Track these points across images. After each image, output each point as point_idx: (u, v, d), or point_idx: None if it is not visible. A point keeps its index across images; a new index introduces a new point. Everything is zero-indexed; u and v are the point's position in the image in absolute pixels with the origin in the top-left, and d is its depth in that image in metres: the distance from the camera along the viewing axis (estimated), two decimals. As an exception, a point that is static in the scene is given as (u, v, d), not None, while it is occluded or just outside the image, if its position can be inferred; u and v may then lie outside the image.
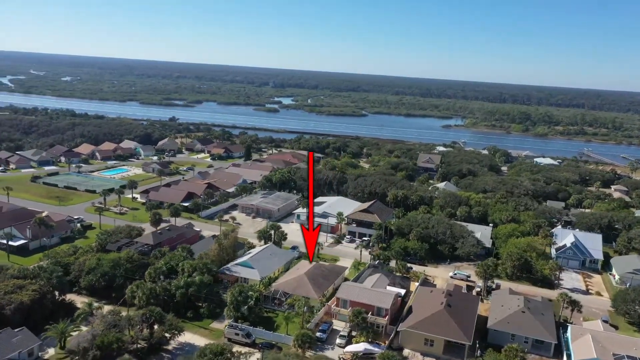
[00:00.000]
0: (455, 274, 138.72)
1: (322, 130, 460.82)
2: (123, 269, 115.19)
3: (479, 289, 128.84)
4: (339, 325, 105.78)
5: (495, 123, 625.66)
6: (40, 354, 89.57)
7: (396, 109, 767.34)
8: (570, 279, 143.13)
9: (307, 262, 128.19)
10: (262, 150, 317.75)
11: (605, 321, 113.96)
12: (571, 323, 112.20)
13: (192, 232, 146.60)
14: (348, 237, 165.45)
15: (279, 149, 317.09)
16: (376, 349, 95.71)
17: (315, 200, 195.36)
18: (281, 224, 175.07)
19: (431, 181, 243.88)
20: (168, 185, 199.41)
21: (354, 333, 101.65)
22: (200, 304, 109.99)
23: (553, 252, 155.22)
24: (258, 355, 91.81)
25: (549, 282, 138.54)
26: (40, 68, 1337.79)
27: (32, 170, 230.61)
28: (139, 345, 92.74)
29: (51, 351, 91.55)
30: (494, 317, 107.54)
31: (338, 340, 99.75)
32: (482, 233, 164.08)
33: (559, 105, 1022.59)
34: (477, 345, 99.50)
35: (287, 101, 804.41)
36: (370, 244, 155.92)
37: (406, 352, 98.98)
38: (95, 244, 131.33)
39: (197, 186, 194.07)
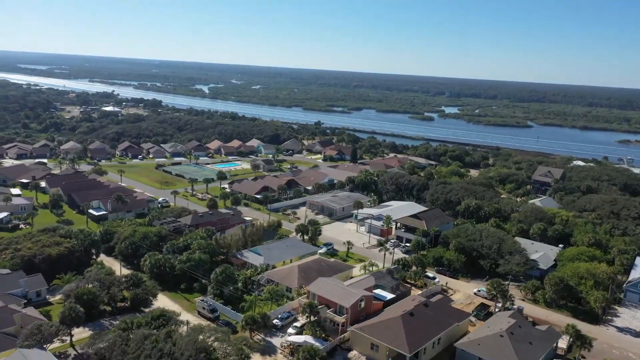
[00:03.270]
0: (479, 291, 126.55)
1: (466, 139, 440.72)
2: (149, 241, 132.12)
3: (493, 309, 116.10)
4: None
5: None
6: (47, 296, 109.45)
7: (573, 121, 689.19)
8: (631, 318, 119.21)
9: (317, 257, 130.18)
10: (383, 154, 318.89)
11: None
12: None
13: (236, 219, 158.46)
14: (393, 241, 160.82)
15: (394, 154, 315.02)
16: (317, 344, 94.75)
17: (383, 203, 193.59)
18: (338, 222, 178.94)
19: (533, 195, 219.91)
20: (255, 179, 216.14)
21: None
22: (200, 280, 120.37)
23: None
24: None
25: (595, 316, 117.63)
26: (241, 78, 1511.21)
27: (163, 159, 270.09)
28: (120, 304, 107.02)
29: (59, 296, 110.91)
30: (470, 336, 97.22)
31: (289, 330, 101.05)
32: (546, 253, 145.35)
33: None
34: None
35: (452, 110, 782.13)
36: (408, 250, 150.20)
37: (353, 353, 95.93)
38: (147, 219, 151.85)
39: (275, 181, 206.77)
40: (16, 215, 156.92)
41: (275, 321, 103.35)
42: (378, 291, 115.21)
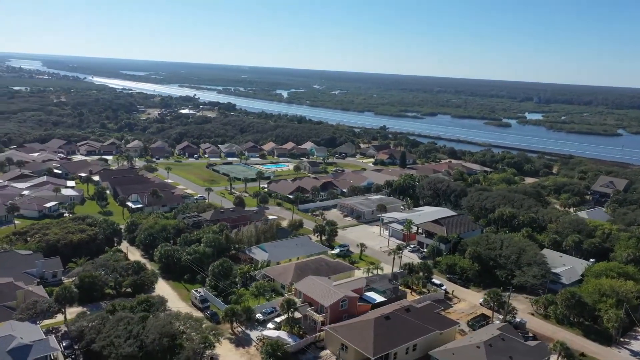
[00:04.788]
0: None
1: (538, 147, 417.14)
2: (167, 233, 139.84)
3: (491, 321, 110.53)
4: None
5: None
6: (62, 278, 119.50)
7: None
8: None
9: (319, 256, 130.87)
10: (437, 159, 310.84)
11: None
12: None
13: (258, 217, 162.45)
14: (412, 245, 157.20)
15: (448, 160, 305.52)
16: (289, 340, 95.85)
17: (416, 208, 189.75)
18: (365, 225, 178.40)
19: (587, 206, 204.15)
20: (294, 180, 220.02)
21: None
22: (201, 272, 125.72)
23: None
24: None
25: (609, 336, 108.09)
26: (324, 83, 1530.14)
27: (217, 159, 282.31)
28: (124, 289, 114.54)
29: (72, 278, 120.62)
30: (447, 346, 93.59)
31: (269, 325, 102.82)
32: (574, 267, 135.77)
33: None
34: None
35: (535, 116, 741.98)
36: (424, 255, 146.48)
37: (325, 352, 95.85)
38: (173, 213, 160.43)
39: (310, 182, 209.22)
40: (63, 205, 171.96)
41: (258, 315, 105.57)
42: (370, 294, 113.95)
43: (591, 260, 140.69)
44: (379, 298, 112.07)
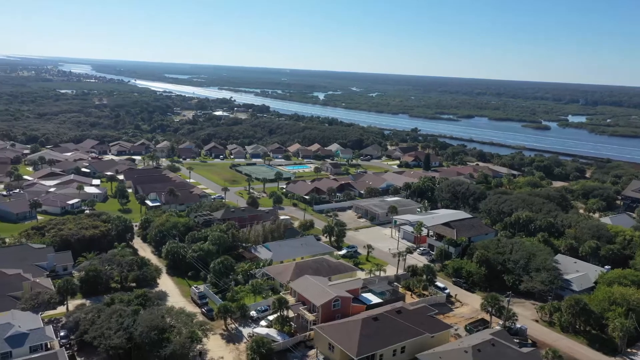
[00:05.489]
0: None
1: (574, 150, 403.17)
2: (176, 230, 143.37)
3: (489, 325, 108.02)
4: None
5: None
6: (72, 271, 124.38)
7: None
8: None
9: (322, 257, 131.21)
10: (463, 162, 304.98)
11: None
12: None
13: (269, 216, 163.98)
14: (422, 248, 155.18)
15: (476, 162, 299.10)
16: (277, 338, 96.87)
17: (432, 211, 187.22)
18: (378, 227, 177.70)
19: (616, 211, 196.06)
20: (313, 180, 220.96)
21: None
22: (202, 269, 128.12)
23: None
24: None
25: (615, 346, 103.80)
26: (362, 85, 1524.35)
27: (242, 160, 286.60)
28: (131, 284, 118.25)
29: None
30: (436, 349, 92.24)
31: (262, 323, 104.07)
32: (587, 274, 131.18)
33: None
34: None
35: (578, 119, 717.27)
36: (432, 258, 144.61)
37: (313, 352, 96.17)
38: (186, 211, 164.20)
39: (328, 183, 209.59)
40: (85, 202, 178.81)
41: (252, 313, 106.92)
42: (367, 295, 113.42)
43: (606, 267, 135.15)
44: (375, 299, 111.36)
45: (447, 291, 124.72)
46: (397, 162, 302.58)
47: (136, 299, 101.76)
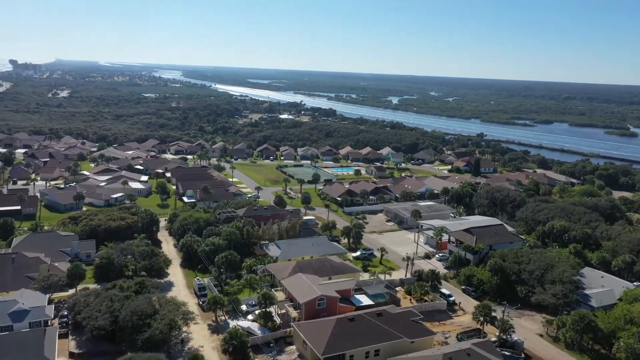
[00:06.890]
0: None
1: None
2: (196, 225, 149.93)
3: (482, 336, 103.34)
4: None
5: None
6: (95, 258, 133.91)
7: None
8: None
9: (324, 257, 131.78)
10: (521, 168, 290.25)
11: None
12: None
13: (293, 216, 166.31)
14: (442, 254, 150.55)
15: (533, 170, 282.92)
16: (257, 332, 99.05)
17: (464, 217, 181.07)
18: (404, 231, 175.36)
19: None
20: (350, 183, 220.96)
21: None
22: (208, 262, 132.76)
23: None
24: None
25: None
26: (441, 89, 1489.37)
27: (291, 161, 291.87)
28: (140, 272, 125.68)
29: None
30: (408, 355, 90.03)
31: (249, 317, 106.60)
32: (613, 290, 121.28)
33: None
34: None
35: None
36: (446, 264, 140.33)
37: (290, 348, 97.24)
38: (213, 208, 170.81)
39: (361, 186, 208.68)
40: (128, 196, 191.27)
41: (243, 307, 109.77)
42: (360, 296, 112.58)
43: (635, 283, 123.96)
44: (367, 301, 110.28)
45: (452, 298, 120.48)
46: (449, 167, 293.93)
47: (135, 286, 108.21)
